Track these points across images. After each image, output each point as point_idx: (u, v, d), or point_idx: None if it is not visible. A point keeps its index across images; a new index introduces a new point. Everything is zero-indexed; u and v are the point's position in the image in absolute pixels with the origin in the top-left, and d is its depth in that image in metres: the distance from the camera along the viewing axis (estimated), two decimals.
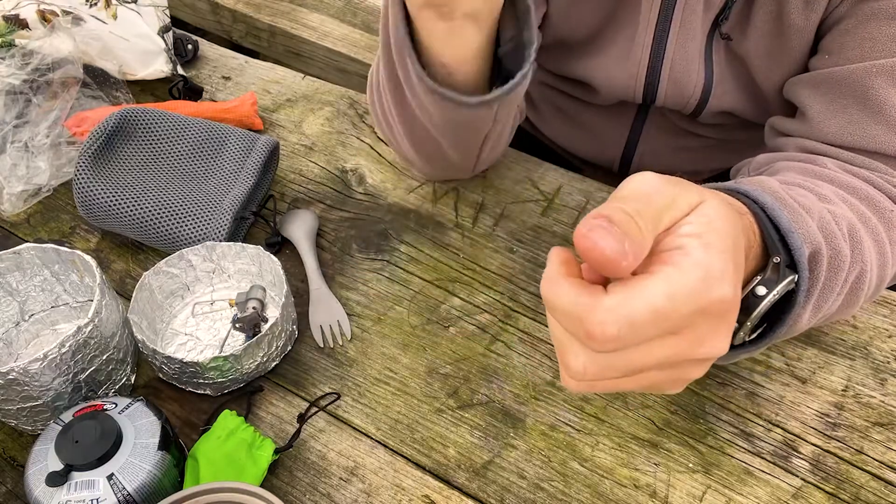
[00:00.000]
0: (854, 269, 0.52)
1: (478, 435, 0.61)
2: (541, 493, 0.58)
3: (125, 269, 0.75)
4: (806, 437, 0.61)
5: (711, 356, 0.36)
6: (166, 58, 0.94)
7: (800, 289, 0.46)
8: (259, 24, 1.40)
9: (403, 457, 0.60)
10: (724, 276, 0.33)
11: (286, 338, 0.66)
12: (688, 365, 0.36)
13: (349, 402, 0.64)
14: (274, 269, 0.67)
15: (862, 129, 0.59)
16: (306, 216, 0.78)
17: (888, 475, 0.58)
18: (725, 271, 0.33)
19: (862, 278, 0.53)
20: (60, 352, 0.55)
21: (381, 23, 0.62)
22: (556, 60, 0.82)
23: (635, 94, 0.77)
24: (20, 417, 0.59)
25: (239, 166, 0.79)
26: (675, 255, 0.33)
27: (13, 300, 0.66)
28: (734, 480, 0.58)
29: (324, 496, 0.58)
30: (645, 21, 0.70)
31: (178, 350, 0.67)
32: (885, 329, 0.67)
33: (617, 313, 0.32)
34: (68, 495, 0.51)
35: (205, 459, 0.56)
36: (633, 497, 0.57)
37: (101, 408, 0.55)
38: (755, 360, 0.66)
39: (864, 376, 0.64)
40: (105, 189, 0.73)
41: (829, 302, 0.50)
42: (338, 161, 0.86)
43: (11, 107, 0.84)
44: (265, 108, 0.93)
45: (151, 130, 0.79)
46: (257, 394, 0.64)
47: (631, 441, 0.61)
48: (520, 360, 0.66)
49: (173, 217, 0.73)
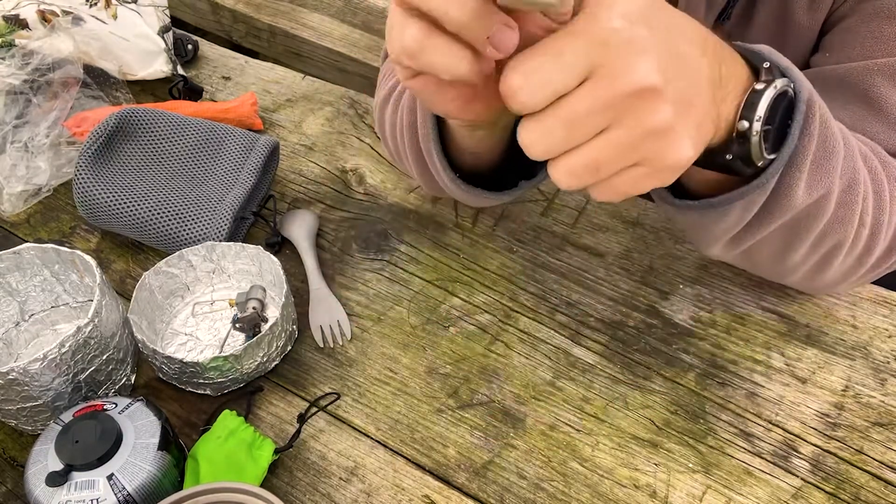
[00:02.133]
0: (847, 166, 0.50)
1: (478, 435, 0.61)
2: (541, 493, 0.58)
3: (125, 269, 0.75)
4: (806, 437, 0.61)
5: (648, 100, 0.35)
6: (166, 58, 0.94)
7: (796, 115, 0.46)
8: (259, 24, 1.40)
9: (403, 457, 0.60)
10: (633, 12, 0.34)
11: (286, 338, 0.66)
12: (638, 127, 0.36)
13: (349, 402, 0.64)
14: (274, 269, 0.67)
15: (862, 127, 0.59)
16: (306, 216, 0.78)
17: (888, 475, 0.58)
18: (638, 11, 0.34)
19: (854, 189, 0.52)
20: (60, 352, 0.55)
21: (407, 95, 0.60)
22: None
23: None
24: (20, 417, 0.59)
25: (239, 166, 0.79)
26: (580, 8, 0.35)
27: (13, 300, 0.66)
28: (734, 480, 0.58)
29: (324, 496, 0.58)
30: None
31: (178, 350, 0.67)
32: (885, 329, 0.67)
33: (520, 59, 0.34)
34: (68, 495, 0.51)
35: (205, 459, 0.56)
36: (633, 497, 0.57)
37: (101, 408, 0.55)
38: (755, 360, 0.66)
39: (864, 376, 0.64)
40: (105, 189, 0.73)
41: (825, 181, 0.49)
42: (338, 161, 0.86)
43: (11, 107, 0.85)
44: (265, 108, 0.93)
45: (151, 130, 0.79)
46: (257, 394, 0.64)
47: (631, 441, 0.61)
48: (520, 360, 0.66)
49: (173, 217, 0.73)
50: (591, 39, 0.34)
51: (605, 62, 0.34)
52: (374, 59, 1.29)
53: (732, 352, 0.66)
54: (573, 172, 0.37)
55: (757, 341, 0.67)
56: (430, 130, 0.57)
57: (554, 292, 0.71)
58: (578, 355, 0.66)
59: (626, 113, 0.35)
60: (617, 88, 0.35)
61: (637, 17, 0.35)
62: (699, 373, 0.65)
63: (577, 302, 0.70)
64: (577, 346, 0.67)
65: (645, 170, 0.38)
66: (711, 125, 0.40)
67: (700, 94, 0.38)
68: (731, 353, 0.66)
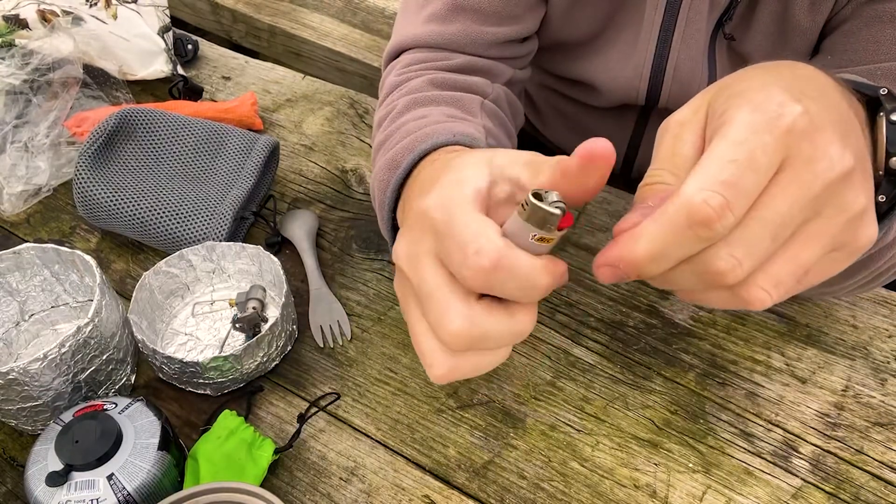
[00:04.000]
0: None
1: (478, 435, 0.61)
2: (541, 493, 0.58)
3: (125, 269, 0.75)
4: (806, 437, 0.61)
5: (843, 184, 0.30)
6: (166, 58, 0.94)
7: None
8: (259, 24, 1.40)
9: (403, 457, 0.60)
10: (785, 96, 0.30)
11: (286, 338, 0.66)
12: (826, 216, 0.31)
13: (349, 402, 0.64)
14: (274, 269, 0.67)
15: None
16: (306, 216, 0.78)
17: (888, 475, 0.58)
18: (785, 93, 0.30)
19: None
20: (60, 352, 0.55)
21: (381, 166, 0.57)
22: (557, 61, 0.82)
23: (638, 95, 0.77)
24: (20, 417, 0.59)
25: (239, 166, 0.79)
26: (720, 127, 0.31)
27: (13, 300, 0.66)
28: (734, 480, 0.58)
29: (324, 496, 0.58)
30: (649, 22, 0.70)
31: (178, 350, 0.67)
32: (885, 329, 0.67)
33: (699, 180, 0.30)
34: (68, 495, 0.51)
35: (205, 459, 0.56)
36: (633, 497, 0.58)
37: (101, 408, 0.55)
38: (755, 360, 0.66)
39: (864, 376, 0.64)
40: (105, 189, 0.73)
41: None
42: (338, 161, 0.86)
43: (11, 107, 0.85)
44: (265, 108, 0.93)
45: (151, 130, 0.79)
46: (257, 394, 0.64)
47: (631, 441, 0.61)
48: (520, 360, 0.66)
49: (173, 217, 0.73)
50: (774, 128, 0.30)
51: (793, 151, 0.30)
52: (374, 60, 1.29)
53: (732, 352, 0.66)
54: (778, 283, 0.32)
55: (757, 341, 0.67)
56: (387, 233, 0.55)
57: (554, 292, 0.71)
58: (578, 355, 0.66)
59: (827, 202, 0.31)
60: (817, 178, 0.30)
61: (796, 95, 0.31)
62: (699, 373, 0.65)
63: (577, 302, 0.70)
64: (577, 346, 0.67)
65: (837, 255, 0.33)
66: None
67: (866, 152, 0.34)
68: (731, 353, 0.66)
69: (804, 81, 0.34)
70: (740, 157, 0.30)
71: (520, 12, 0.69)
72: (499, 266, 0.32)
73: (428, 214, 0.35)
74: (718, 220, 0.30)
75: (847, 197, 0.31)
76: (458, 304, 0.34)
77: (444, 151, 0.49)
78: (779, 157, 0.30)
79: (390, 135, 0.60)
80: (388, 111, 0.64)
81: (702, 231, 0.30)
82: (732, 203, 0.30)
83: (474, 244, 0.33)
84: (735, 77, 0.35)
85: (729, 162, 0.30)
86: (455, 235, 0.34)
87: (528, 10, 0.70)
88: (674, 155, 0.34)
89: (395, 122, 0.61)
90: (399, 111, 0.62)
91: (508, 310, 0.35)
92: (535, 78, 0.89)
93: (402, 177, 0.51)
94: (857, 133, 0.34)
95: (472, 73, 0.68)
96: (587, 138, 0.33)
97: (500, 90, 0.69)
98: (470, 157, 0.38)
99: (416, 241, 0.36)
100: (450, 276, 0.35)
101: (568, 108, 0.90)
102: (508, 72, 0.71)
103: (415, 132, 0.55)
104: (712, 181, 0.30)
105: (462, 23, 0.67)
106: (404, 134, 0.56)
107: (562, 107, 0.91)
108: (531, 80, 0.81)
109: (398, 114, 0.62)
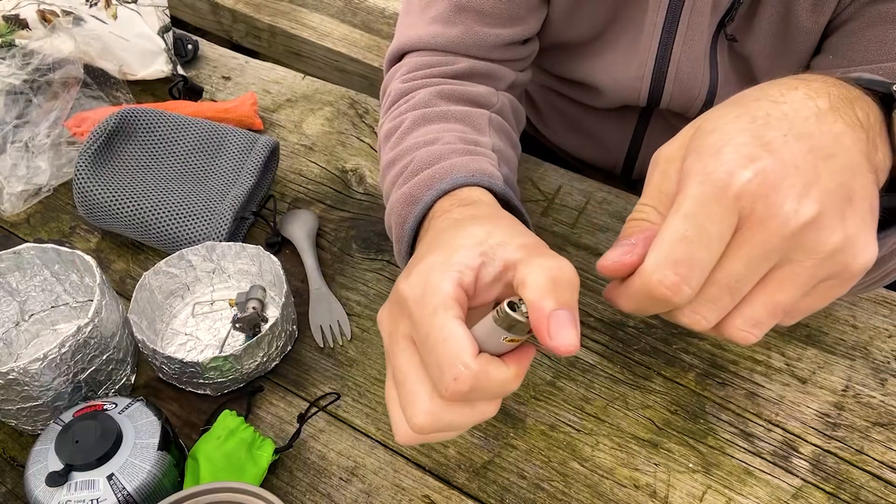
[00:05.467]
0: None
1: (478, 435, 0.61)
2: (541, 493, 0.58)
3: (125, 269, 0.75)
4: (806, 437, 0.61)
5: (803, 221, 0.32)
6: (166, 58, 0.94)
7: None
8: (259, 24, 1.40)
9: (403, 457, 0.60)
10: (737, 160, 0.32)
11: (286, 338, 0.66)
12: (791, 254, 0.33)
13: (349, 402, 0.64)
14: (274, 269, 0.67)
15: None
16: (306, 216, 0.78)
17: (888, 475, 0.58)
18: (739, 154, 0.33)
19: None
20: (60, 352, 0.55)
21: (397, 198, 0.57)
22: (558, 62, 0.81)
23: (640, 96, 0.76)
24: (20, 417, 0.59)
25: (239, 166, 0.79)
26: (677, 195, 0.34)
27: (13, 300, 0.66)
28: (734, 480, 0.58)
29: (324, 496, 0.58)
30: (651, 23, 0.70)
31: (178, 350, 0.67)
32: (885, 329, 0.67)
33: (651, 264, 0.34)
34: (68, 495, 0.51)
35: (205, 459, 0.56)
36: (633, 497, 0.58)
37: (101, 408, 0.55)
38: (755, 360, 0.66)
39: (864, 376, 0.64)
40: (105, 189, 0.73)
41: None
42: (338, 161, 0.86)
43: (12, 107, 0.85)
44: (265, 108, 0.93)
45: (151, 130, 0.79)
46: (257, 394, 0.64)
47: (631, 441, 0.61)
48: None
49: (173, 217, 0.73)
50: (722, 197, 0.32)
51: (746, 213, 0.32)
52: (374, 60, 1.29)
53: (732, 352, 0.66)
54: (756, 323, 0.35)
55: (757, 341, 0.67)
56: (402, 262, 0.55)
57: None
58: (578, 355, 0.66)
59: (793, 249, 0.33)
60: (772, 234, 0.32)
61: (752, 151, 0.33)
62: (699, 373, 0.65)
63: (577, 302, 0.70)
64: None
65: (830, 283, 0.35)
66: (875, 188, 0.36)
67: (856, 175, 0.34)
68: (731, 353, 0.66)
69: (778, 120, 0.35)
70: (690, 233, 0.33)
71: (522, 13, 0.69)
72: (475, 388, 0.35)
73: (407, 305, 0.38)
74: (674, 297, 0.34)
75: (816, 240, 0.33)
76: (425, 401, 0.37)
77: (459, 200, 0.51)
78: (731, 222, 0.33)
79: (401, 155, 0.60)
80: (397, 125, 0.64)
81: (661, 306, 0.35)
82: (686, 278, 0.33)
83: (452, 370, 0.35)
84: (708, 118, 0.36)
85: (680, 240, 0.33)
86: (431, 349, 0.36)
87: (531, 11, 0.70)
88: (659, 192, 0.36)
89: (406, 140, 0.61)
90: (408, 127, 0.63)
91: (472, 403, 0.38)
92: (536, 78, 0.89)
93: (421, 213, 0.52)
94: (843, 161, 0.34)
95: (476, 78, 0.68)
96: (588, 139, 0.35)
97: (504, 99, 0.69)
98: (466, 233, 0.40)
99: (394, 320, 0.40)
100: (420, 365, 0.38)
101: (569, 108, 0.90)
102: (511, 75, 0.71)
103: (431, 164, 0.56)
104: (665, 260, 0.33)
105: (465, 25, 0.67)
106: (420, 164, 0.57)
107: (563, 107, 0.91)
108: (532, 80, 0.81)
109: (407, 130, 0.63)
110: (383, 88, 0.73)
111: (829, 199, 0.33)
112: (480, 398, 0.37)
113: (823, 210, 0.32)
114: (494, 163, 0.58)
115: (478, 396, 0.37)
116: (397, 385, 0.39)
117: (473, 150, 0.59)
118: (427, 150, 0.58)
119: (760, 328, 0.35)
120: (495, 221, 0.42)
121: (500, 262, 0.38)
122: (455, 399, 0.36)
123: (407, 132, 0.62)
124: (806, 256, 0.33)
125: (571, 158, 0.98)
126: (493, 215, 0.45)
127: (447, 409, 0.37)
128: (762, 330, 0.35)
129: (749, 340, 0.36)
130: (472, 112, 0.64)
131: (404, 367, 0.38)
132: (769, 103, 0.36)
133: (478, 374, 0.35)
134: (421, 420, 0.37)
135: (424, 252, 0.42)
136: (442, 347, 0.36)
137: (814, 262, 0.33)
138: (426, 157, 0.57)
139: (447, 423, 0.37)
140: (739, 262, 0.33)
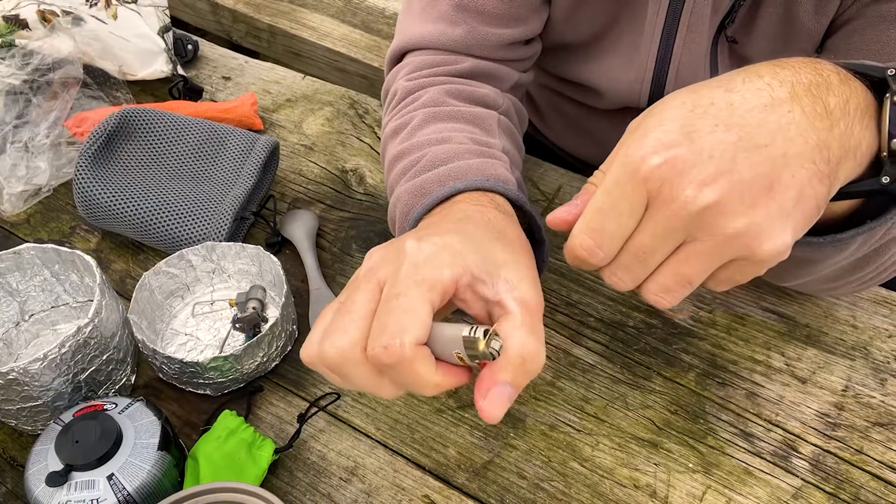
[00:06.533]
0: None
1: (478, 435, 0.61)
2: (541, 493, 0.58)
3: (125, 269, 0.75)
4: (806, 437, 0.61)
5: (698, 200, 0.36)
6: (166, 58, 0.94)
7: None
8: (259, 24, 1.40)
9: (403, 457, 0.61)
10: (653, 146, 0.36)
11: (286, 338, 0.66)
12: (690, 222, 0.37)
13: (349, 402, 0.64)
14: (274, 269, 0.67)
15: None
16: (306, 216, 0.78)
17: (888, 475, 0.58)
18: (657, 141, 0.36)
19: None
20: (60, 352, 0.55)
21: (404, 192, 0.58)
22: (559, 64, 0.81)
23: (640, 98, 0.76)
24: (20, 417, 0.59)
25: (239, 166, 0.79)
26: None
27: (13, 300, 0.66)
28: (734, 480, 0.58)
29: (324, 496, 0.58)
30: (651, 24, 0.70)
31: (178, 350, 0.67)
32: (885, 329, 0.67)
33: (580, 228, 0.39)
34: (68, 495, 0.51)
35: (205, 459, 0.56)
36: (633, 497, 0.58)
37: (101, 408, 0.55)
38: (755, 360, 0.66)
39: (864, 376, 0.64)
40: (105, 189, 0.73)
41: None
42: (338, 161, 0.86)
43: (11, 107, 0.85)
44: (265, 108, 0.93)
45: (151, 131, 0.79)
46: (257, 394, 0.64)
47: (631, 441, 0.61)
48: None
49: (173, 217, 0.73)
50: (633, 177, 0.37)
51: (653, 195, 0.37)
52: (374, 60, 1.29)
53: (732, 352, 0.66)
54: (666, 290, 0.39)
55: (757, 341, 0.67)
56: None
57: (554, 292, 0.71)
58: (578, 355, 0.66)
59: (696, 229, 0.37)
60: (673, 215, 0.36)
61: (673, 138, 0.37)
62: (699, 373, 0.65)
63: (577, 302, 0.70)
64: (577, 346, 0.67)
65: (742, 262, 0.38)
66: (821, 184, 0.37)
67: (788, 166, 0.36)
68: (731, 353, 0.66)
69: (718, 110, 0.37)
70: (605, 206, 0.38)
71: (524, 14, 0.69)
72: (395, 368, 0.38)
73: (403, 260, 0.40)
74: (590, 258, 0.39)
75: (714, 224, 0.36)
76: (347, 343, 0.39)
77: (494, 203, 0.52)
78: (640, 201, 0.37)
79: (411, 150, 0.61)
80: (406, 122, 0.64)
81: (583, 265, 0.40)
82: (600, 244, 0.39)
83: (390, 338, 0.37)
84: (663, 100, 0.40)
85: (598, 210, 0.39)
86: (391, 309, 0.38)
87: (533, 11, 0.70)
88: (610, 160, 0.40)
89: (416, 136, 0.62)
90: (418, 124, 0.63)
91: (381, 375, 0.40)
92: (537, 79, 0.89)
93: (430, 205, 0.54)
94: (775, 152, 0.36)
95: (481, 78, 0.69)
96: (588, 139, 0.37)
97: (508, 101, 0.70)
98: (492, 247, 0.43)
99: (382, 262, 0.42)
100: (370, 313, 0.39)
101: (569, 109, 0.90)
102: (514, 76, 0.71)
103: (445, 161, 0.57)
104: (585, 227, 0.39)
105: (468, 24, 0.67)
106: (434, 160, 0.58)
107: (563, 108, 0.91)
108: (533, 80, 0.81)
109: (417, 126, 0.63)
110: (385, 87, 0.73)
111: (737, 187, 0.36)
112: (393, 379, 0.39)
113: (727, 197, 0.35)
114: (507, 167, 0.59)
115: (391, 375, 0.39)
116: (338, 312, 0.40)
117: (486, 151, 0.60)
118: (440, 147, 0.59)
119: (672, 294, 0.39)
120: (519, 255, 0.44)
121: (497, 296, 0.40)
122: (372, 362, 0.38)
123: (417, 128, 0.63)
124: (707, 236, 0.36)
125: (572, 158, 0.98)
126: (521, 246, 0.47)
127: (358, 362, 0.39)
128: (674, 296, 0.39)
129: (662, 304, 0.40)
130: (482, 113, 0.65)
131: (357, 303, 0.40)
132: (721, 92, 0.38)
133: (408, 359, 0.37)
134: (332, 354, 0.39)
135: (448, 227, 0.45)
136: (399, 314, 0.37)
137: (715, 243, 0.36)
138: (440, 153, 0.58)
139: (348, 372, 0.39)
140: (646, 236, 0.38)
